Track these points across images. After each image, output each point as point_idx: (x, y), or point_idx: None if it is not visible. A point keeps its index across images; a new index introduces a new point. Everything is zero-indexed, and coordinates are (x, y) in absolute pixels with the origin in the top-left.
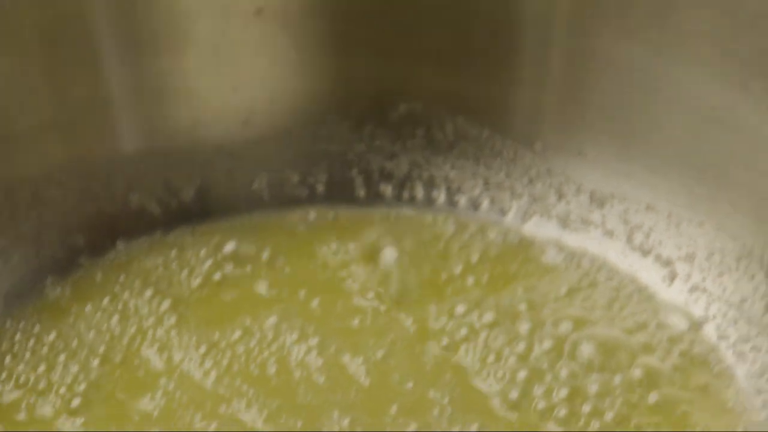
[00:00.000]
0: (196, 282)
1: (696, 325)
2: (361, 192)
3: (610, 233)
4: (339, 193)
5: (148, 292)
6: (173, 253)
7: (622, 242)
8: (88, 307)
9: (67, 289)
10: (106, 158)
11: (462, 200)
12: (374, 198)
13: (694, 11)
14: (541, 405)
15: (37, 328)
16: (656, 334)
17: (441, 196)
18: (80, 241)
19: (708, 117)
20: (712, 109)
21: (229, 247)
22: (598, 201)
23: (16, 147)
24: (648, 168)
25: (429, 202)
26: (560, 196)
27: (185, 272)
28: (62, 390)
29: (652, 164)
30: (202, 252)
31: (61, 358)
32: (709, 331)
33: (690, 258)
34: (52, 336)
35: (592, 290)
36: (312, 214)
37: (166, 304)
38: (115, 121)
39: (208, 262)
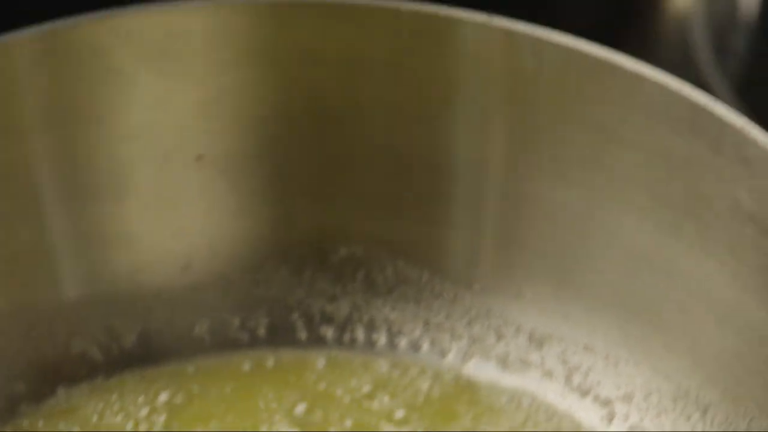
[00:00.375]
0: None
1: None
2: (303, 335)
3: (549, 374)
4: (280, 337)
5: None
6: (113, 398)
7: (561, 382)
8: None
9: None
10: (47, 305)
11: (402, 342)
12: (315, 340)
13: (626, 155)
14: None
15: None
16: None
17: (381, 338)
18: (21, 387)
19: (641, 259)
20: (645, 251)
21: (164, 396)
22: (537, 341)
23: None
24: (585, 308)
25: (370, 344)
26: (499, 336)
27: (121, 417)
28: None
29: (589, 305)
30: (140, 399)
31: None
32: None
33: (628, 398)
34: None
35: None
36: (251, 359)
37: None
38: (56, 267)
39: (145, 410)
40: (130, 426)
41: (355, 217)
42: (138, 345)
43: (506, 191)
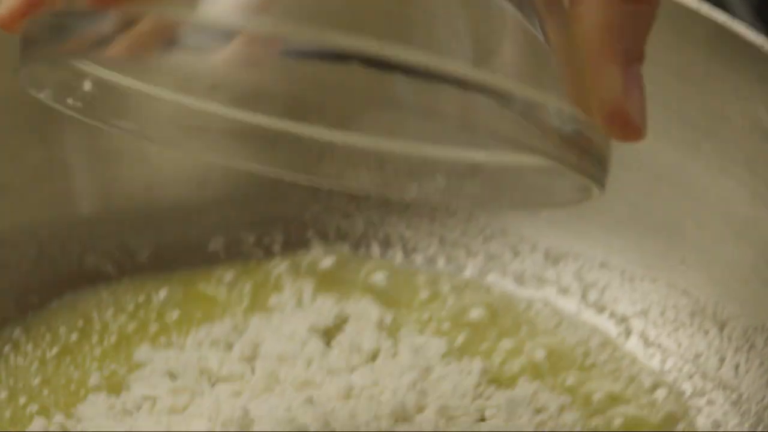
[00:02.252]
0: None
1: (652, 380)
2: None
3: (565, 290)
4: (295, 254)
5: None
6: (113, 298)
7: (577, 299)
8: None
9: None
10: (61, 221)
11: (418, 259)
12: None
13: (644, 73)
14: None
15: None
16: (620, 385)
17: (397, 255)
18: (34, 300)
19: (659, 176)
20: (664, 168)
21: (163, 294)
22: (553, 258)
23: None
24: (601, 226)
25: (385, 261)
26: (515, 254)
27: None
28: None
29: (605, 222)
30: (141, 298)
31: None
32: (665, 385)
33: (645, 314)
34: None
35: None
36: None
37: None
38: (70, 184)
39: (146, 308)
40: (129, 322)
41: None
42: (151, 261)
43: None
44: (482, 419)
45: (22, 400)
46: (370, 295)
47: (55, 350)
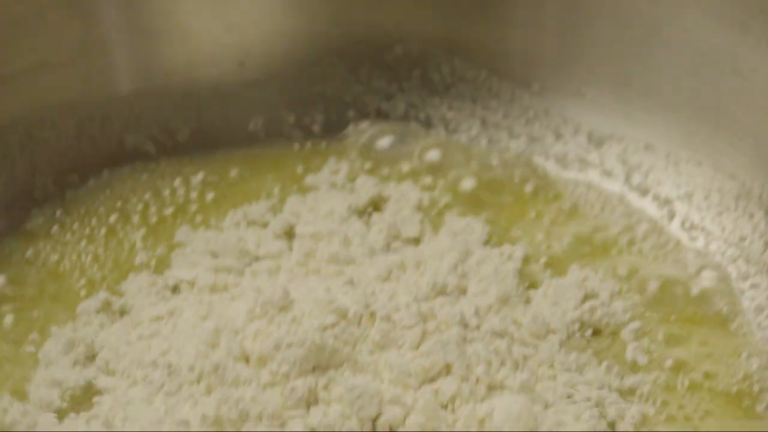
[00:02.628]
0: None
1: (698, 263)
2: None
3: (608, 173)
4: (335, 134)
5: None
6: (150, 177)
7: (620, 182)
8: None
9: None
10: (100, 99)
11: (460, 140)
12: None
13: None
14: None
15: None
16: (666, 269)
17: (439, 136)
18: (74, 180)
19: (707, 57)
20: (711, 49)
21: (200, 177)
22: (596, 141)
23: (9, 88)
24: (646, 108)
25: (429, 139)
26: (558, 136)
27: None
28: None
29: (651, 104)
30: (177, 181)
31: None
32: (711, 268)
33: (689, 197)
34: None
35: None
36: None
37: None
38: (109, 62)
39: (181, 189)
40: (169, 202)
41: (412, 14)
42: (191, 140)
43: None
44: (527, 301)
45: (68, 276)
46: (411, 176)
47: (98, 229)
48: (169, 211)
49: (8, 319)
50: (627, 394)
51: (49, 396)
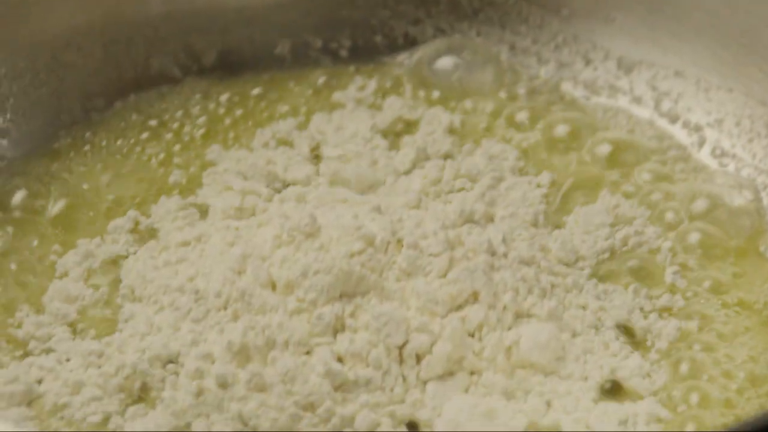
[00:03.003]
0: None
1: (728, 189)
2: (385, 58)
3: (638, 99)
4: (361, 58)
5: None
6: (180, 99)
7: (650, 108)
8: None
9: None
10: (126, 22)
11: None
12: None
13: None
14: None
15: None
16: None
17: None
18: (100, 104)
19: None
20: None
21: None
22: (626, 67)
23: (35, 10)
24: (676, 34)
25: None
26: (587, 62)
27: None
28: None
29: (681, 30)
30: (204, 101)
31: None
32: (740, 194)
33: (719, 124)
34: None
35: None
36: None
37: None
38: None
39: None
40: (197, 123)
41: None
42: (217, 63)
43: None
44: (557, 229)
45: (96, 194)
46: (441, 102)
47: (127, 149)
48: (199, 131)
49: (32, 231)
50: (661, 313)
51: (65, 308)
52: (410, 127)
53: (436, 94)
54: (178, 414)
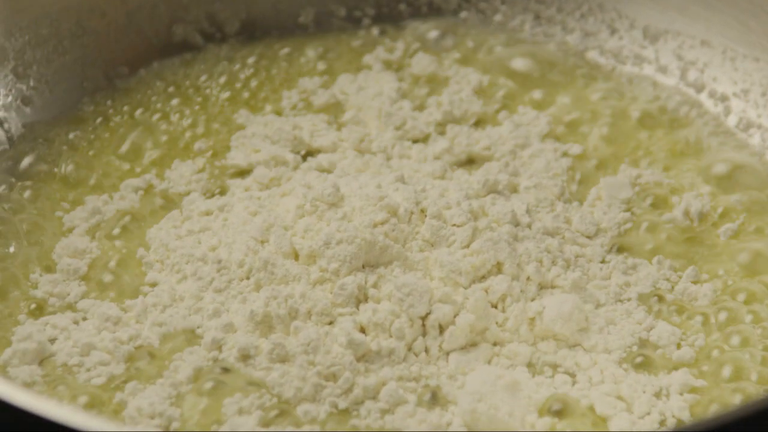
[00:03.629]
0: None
1: (757, 160)
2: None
3: (663, 69)
4: (386, 28)
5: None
6: (203, 66)
7: (676, 78)
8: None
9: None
10: None
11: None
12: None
13: None
14: None
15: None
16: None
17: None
18: (123, 71)
19: None
20: None
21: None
22: (652, 36)
23: None
24: (703, 3)
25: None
26: (613, 31)
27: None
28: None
29: None
30: (231, 66)
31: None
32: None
33: (745, 94)
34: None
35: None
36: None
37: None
38: None
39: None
40: (223, 88)
41: None
42: (241, 32)
43: None
44: (580, 200)
45: (121, 163)
46: (467, 63)
47: (152, 114)
48: (224, 95)
49: (46, 191)
50: (688, 284)
51: (74, 264)
52: (438, 86)
53: (463, 55)
54: (177, 385)
